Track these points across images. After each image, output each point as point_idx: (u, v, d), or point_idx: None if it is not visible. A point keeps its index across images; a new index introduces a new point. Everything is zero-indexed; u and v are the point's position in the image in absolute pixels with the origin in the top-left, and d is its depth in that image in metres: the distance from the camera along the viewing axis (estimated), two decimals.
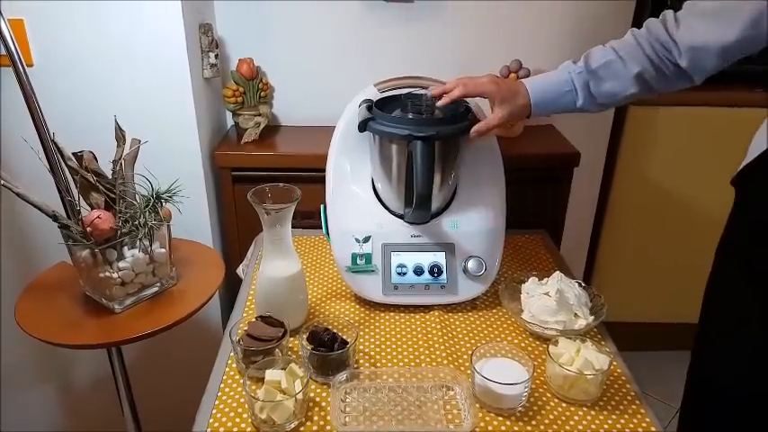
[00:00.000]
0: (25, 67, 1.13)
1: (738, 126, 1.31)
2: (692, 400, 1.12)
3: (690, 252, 2.01)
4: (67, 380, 1.78)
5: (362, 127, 1.07)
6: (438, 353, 1.02)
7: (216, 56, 1.58)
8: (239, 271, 1.44)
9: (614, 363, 0.99)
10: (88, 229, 1.08)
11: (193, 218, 1.55)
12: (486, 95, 1.07)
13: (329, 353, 0.93)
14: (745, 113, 1.79)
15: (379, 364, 1.00)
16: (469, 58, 1.73)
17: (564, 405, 0.91)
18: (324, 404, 0.91)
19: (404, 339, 1.06)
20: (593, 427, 0.87)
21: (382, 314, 1.12)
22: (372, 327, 1.09)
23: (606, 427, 0.87)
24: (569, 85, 1.05)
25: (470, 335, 1.07)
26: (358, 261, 1.12)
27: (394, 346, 1.04)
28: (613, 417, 0.89)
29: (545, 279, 1.10)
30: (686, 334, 1.18)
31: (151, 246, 1.16)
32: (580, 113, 1.08)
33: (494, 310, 1.14)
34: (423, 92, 1.13)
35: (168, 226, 1.19)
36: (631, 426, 0.88)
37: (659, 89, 1.03)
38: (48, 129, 1.14)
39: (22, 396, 1.74)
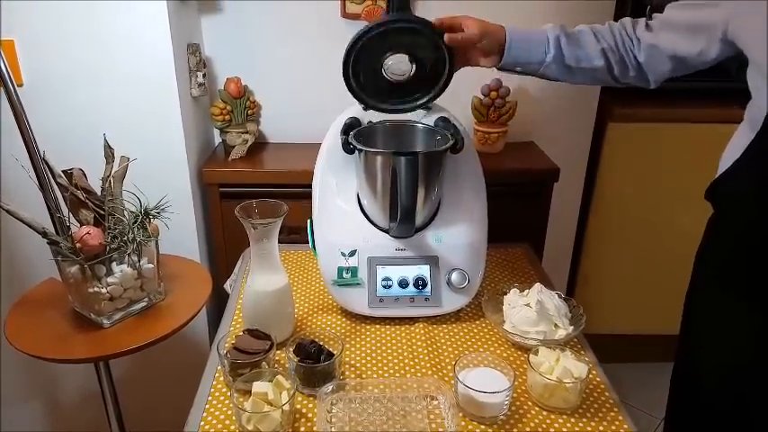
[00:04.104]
0: (16, 86, 1.15)
1: (715, 142, 1.35)
2: (675, 410, 1.15)
3: (669, 265, 2.05)
4: (55, 396, 1.77)
5: (348, 149, 1.11)
6: (422, 364, 1.04)
7: (204, 75, 1.60)
8: (227, 286, 1.46)
9: (593, 371, 1.01)
10: (77, 245, 1.10)
11: (181, 234, 1.57)
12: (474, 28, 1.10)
13: (315, 365, 0.95)
14: (722, 129, 1.82)
15: (364, 376, 1.02)
16: None
17: (545, 413, 0.93)
18: (310, 415, 0.92)
19: (389, 351, 1.08)
20: None
21: (368, 326, 1.14)
22: (358, 339, 1.11)
23: None
24: (543, 36, 1.11)
25: (454, 346, 1.09)
26: (344, 274, 1.14)
27: (379, 358, 1.06)
28: (593, 424, 0.92)
29: (526, 291, 1.12)
30: (669, 345, 1.21)
31: (139, 261, 1.18)
32: (544, 79, 1.15)
33: (477, 322, 1.16)
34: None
35: (156, 242, 1.20)
36: None
37: (619, 77, 1.12)
38: (38, 147, 1.16)
39: (9, 412, 1.73)
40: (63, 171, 1.14)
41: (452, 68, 1.15)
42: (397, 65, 1.12)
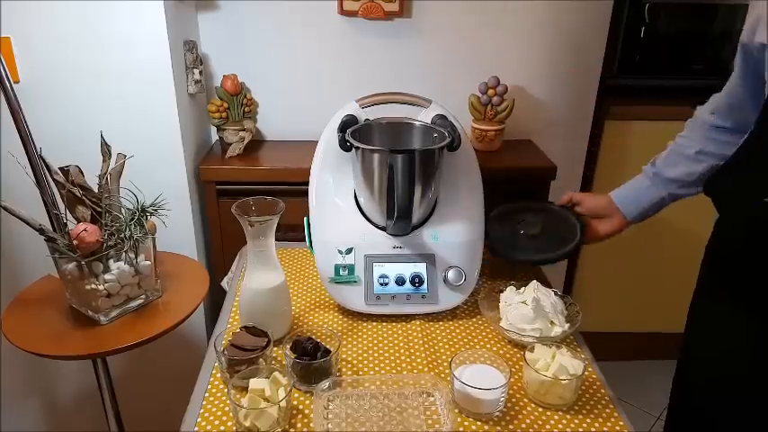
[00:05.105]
0: (12, 83, 1.15)
1: None
2: (676, 414, 1.15)
3: (665, 263, 2.06)
4: (53, 394, 1.77)
5: (345, 146, 1.11)
6: (419, 360, 1.05)
7: (200, 72, 1.60)
8: (224, 284, 1.46)
9: (589, 368, 1.02)
10: (74, 242, 1.10)
11: (178, 231, 1.57)
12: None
13: (312, 361, 0.95)
14: None
15: (361, 372, 1.02)
16: (448, 73, 1.78)
17: (540, 410, 0.94)
18: (307, 411, 0.93)
19: (386, 348, 1.08)
20: (568, 430, 0.90)
21: (365, 324, 1.15)
22: (355, 336, 1.11)
23: (581, 430, 0.90)
24: (641, 179, 1.19)
25: (450, 343, 1.10)
26: (341, 272, 1.14)
27: (376, 355, 1.06)
28: (588, 420, 0.92)
29: (522, 288, 1.13)
30: (665, 343, 1.21)
31: (136, 258, 1.18)
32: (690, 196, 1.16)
33: (473, 319, 1.17)
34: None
35: (153, 239, 1.20)
36: (605, 429, 0.91)
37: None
38: (34, 144, 1.15)
39: (7, 411, 1.73)
40: (60, 168, 1.14)
41: (582, 236, 1.30)
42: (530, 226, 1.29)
